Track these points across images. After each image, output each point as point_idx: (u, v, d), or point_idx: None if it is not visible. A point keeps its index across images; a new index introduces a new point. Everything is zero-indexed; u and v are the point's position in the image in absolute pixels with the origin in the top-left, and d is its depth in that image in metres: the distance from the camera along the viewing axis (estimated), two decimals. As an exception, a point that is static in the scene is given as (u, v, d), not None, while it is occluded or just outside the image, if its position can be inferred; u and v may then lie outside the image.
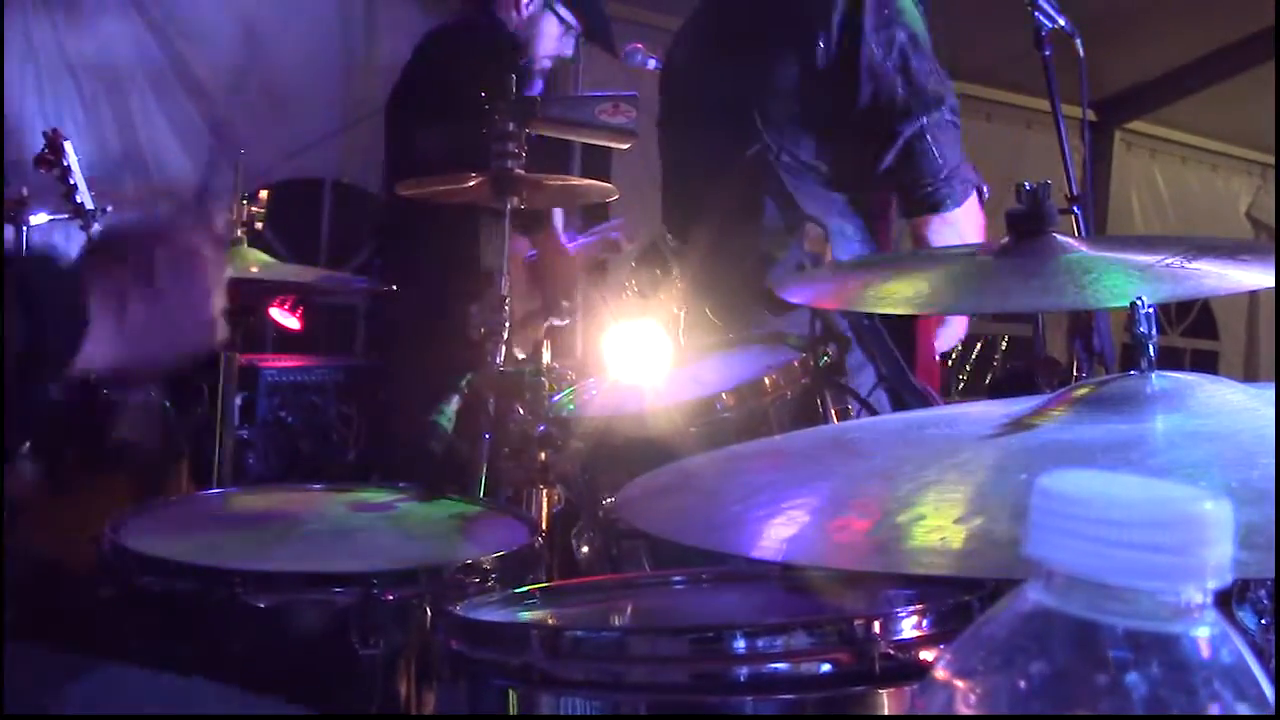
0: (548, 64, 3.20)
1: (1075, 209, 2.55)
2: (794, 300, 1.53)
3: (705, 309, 2.37)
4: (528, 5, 3.15)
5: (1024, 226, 1.29)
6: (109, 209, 3.70)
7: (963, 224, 2.28)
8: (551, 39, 3.18)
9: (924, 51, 2.24)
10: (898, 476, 0.92)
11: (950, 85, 2.28)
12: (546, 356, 1.81)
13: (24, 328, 0.89)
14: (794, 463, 1.08)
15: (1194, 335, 7.28)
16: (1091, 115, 3.46)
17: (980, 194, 2.30)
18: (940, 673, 0.47)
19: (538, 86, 3.20)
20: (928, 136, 2.21)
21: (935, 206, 2.23)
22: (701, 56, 2.50)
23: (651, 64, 3.20)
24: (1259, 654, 0.44)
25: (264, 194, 2.34)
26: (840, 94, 2.23)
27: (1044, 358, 2.23)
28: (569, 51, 3.27)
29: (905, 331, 2.06)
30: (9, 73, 4.14)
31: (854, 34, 2.20)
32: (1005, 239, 1.31)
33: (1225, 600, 0.87)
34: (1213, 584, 0.43)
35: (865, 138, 2.25)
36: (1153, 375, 0.94)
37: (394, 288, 2.82)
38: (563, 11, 3.17)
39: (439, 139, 2.86)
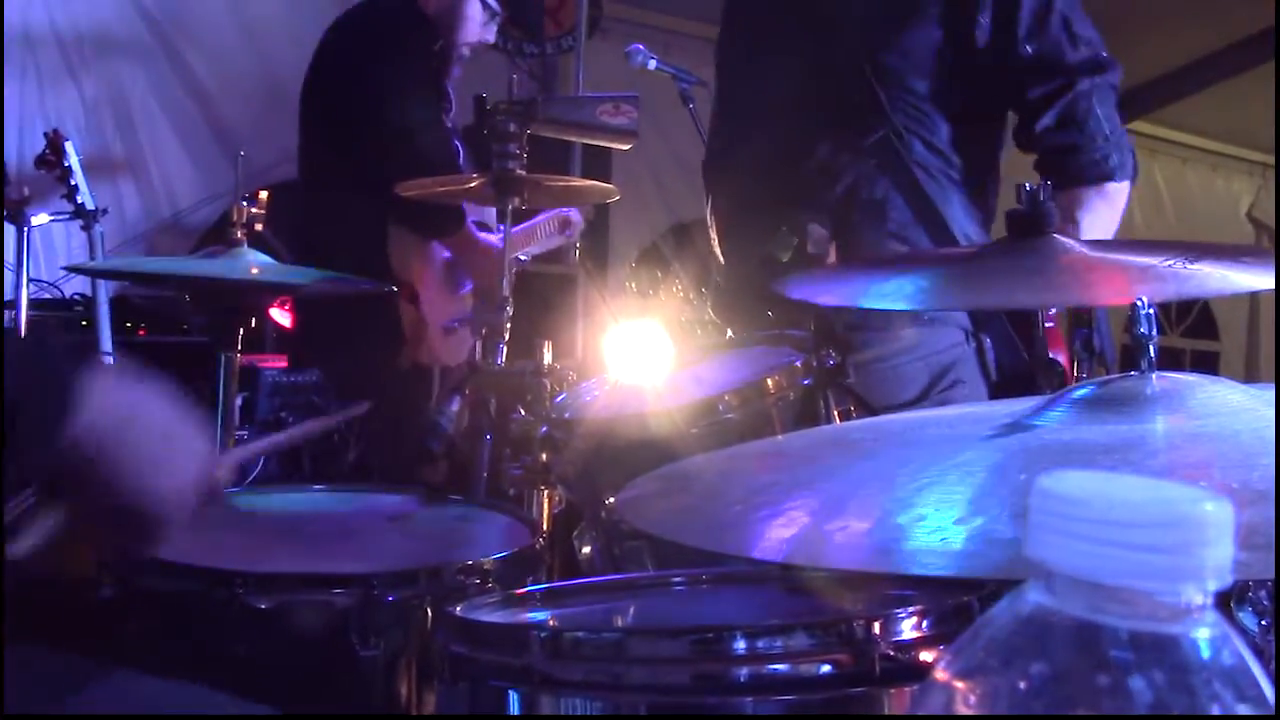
0: (467, 51, 3.07)
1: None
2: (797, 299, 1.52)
3: (728, 311, 2.26)
4: None
5: (1024, 226, 1.29)
6: (108, 210, 3.71)
7: (1119, 205, 2.09)
8: (475, 24, 3.05)
9: (1085, 18, 2.07)
10: (898, 477, 0.92)
11: (1113, 58, 2.10)
12: (547, 357, 1.81)
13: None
14: (795, 463, 1.08)
15: (1194, 336, 7.28)
16: (1092, 115, 3.45)
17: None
18: (940, 673, 0.47)
19: (455, 73, 3.11)
20: (1097, 95, 2.04)
21: (1106, 175, 2.03)
22: (782, 38, 2.19)
23: (652, 64, 3.19)
24: (1259, 655, 0.44)
25: (264, 195, 2.34)
26: (995, 61, 2.03)
27: (1044, 358, 2.23)
28: (491, 38, 3.15)
29: (1032, 341, 1.89)
30: (9, 73, 4.14)
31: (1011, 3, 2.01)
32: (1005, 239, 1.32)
33: (1225, 601, 0.87)
34: (1213, 585, 0.43)
35: (1018, 103, 2.06)
36: (1153, 376, 0.94)
37: (394, 288, 2.81)
38: None
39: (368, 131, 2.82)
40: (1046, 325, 1.90)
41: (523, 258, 3.15)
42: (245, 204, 2.23)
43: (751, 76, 2.26)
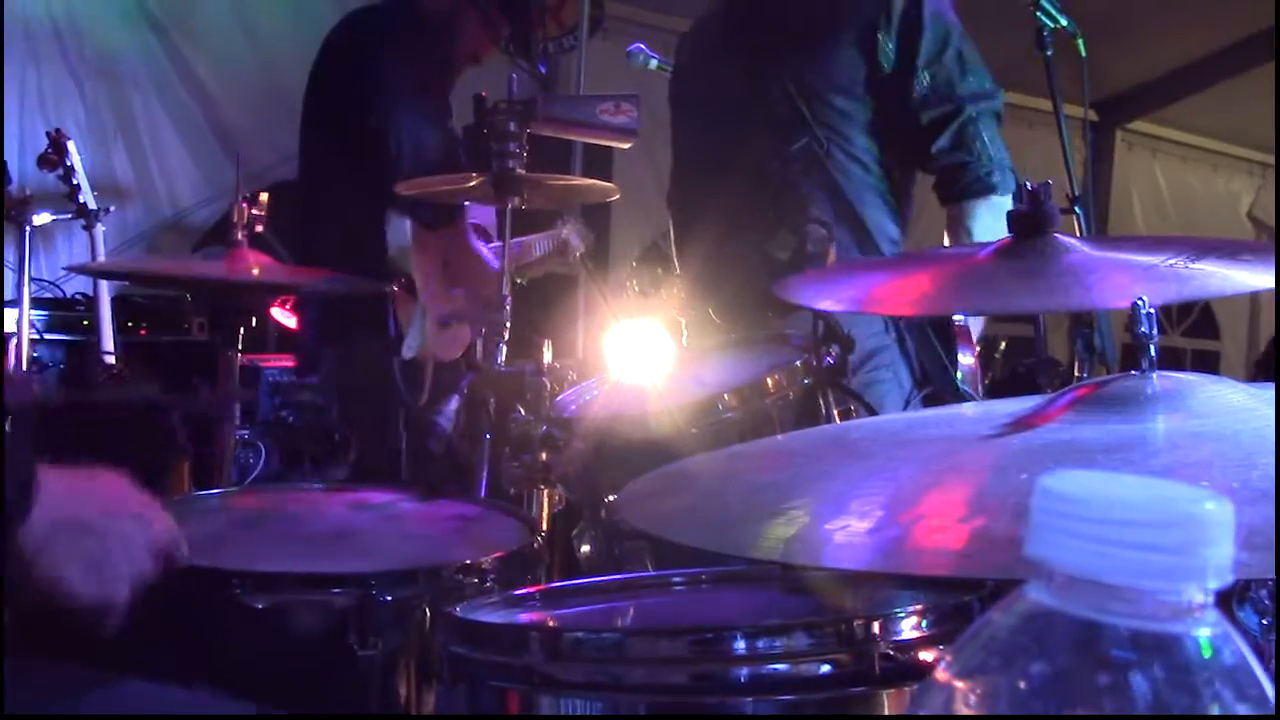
0: (465, 63, 3.10)
1: (1076, 209, 2.55)
2: (797, 300, 1.52)
3: (709, 310, 2.36)
4: None
5: (1025, 227, 1.29)
6: (110, 210, 3.71)
7: (1003, 215, 2.29)
8: (473, 38, 3.07)
9: (973, 48, 2.30)
10: (898, 476, 0.92)
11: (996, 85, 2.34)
12: (547, 356, 1.80)
13: None
14: (795, 463, 1.08)
15: (1195, 335, 7.28)
16: (1092, 115, 3.46)
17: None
18: (940, 673, 0.47)
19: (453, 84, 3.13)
20: (981, 121, 2.28)
21: (990, 189, 2.26)
22: (732, 54, 2.47)
23: (653, 63, 3.19)
24: (1260, 654, 0.44)
25: (264, 196, 2.34)
26: (898, 85, 2.26)
27: (1044, 358, 2.23)
28: (489, 53, 3.20)
29: (944, 335, 2.11)
30: (10, 72, 4.14)
31: (913, 28, 2.25)
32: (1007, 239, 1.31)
33: (1226, 600, 0.87)
34: (1214, 584, 0.43)
35: (914, 125, 2.29)
36: (1154, 375, 0.94)
37: (395, 288, 2.81)
38: (487, 9, 3.06)
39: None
40: (958, 323, 2.16)
41: (519, 281, 3.14)
42: (245, 205, 2.23)
43: (705, 91, 2.54)
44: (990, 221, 2.24)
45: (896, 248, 2.35)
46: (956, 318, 2.22)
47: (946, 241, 2.37)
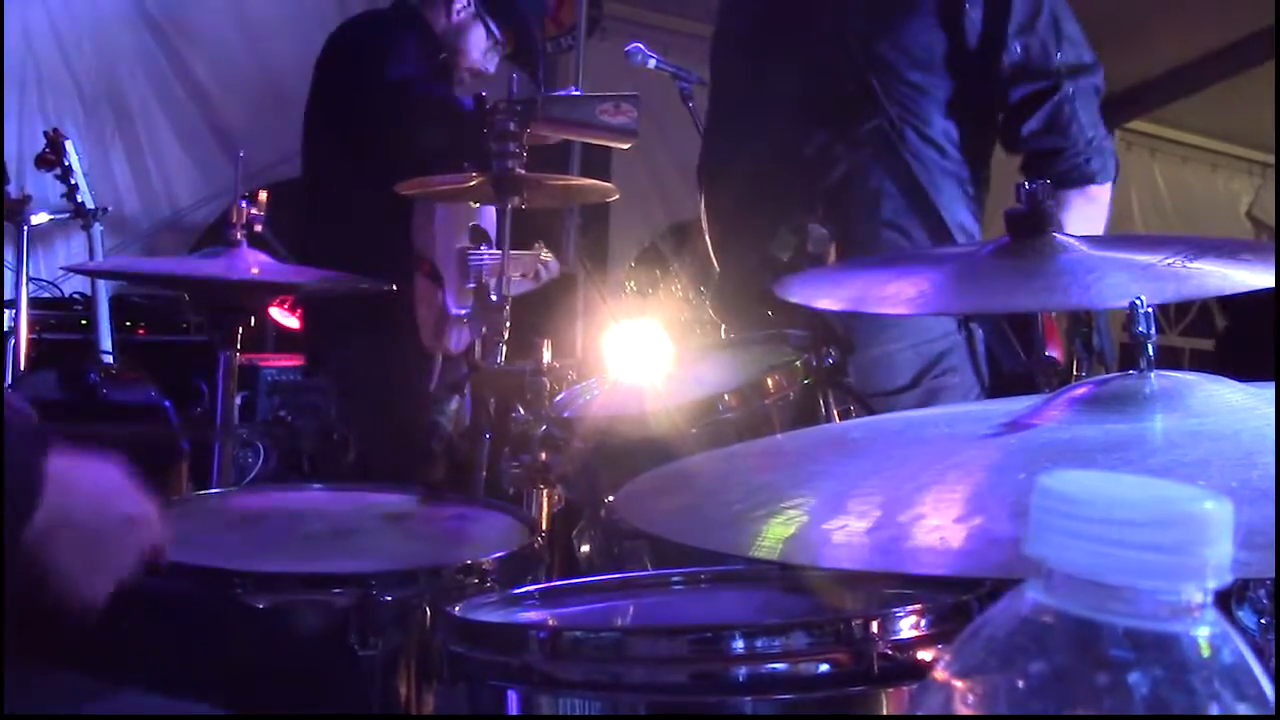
0: (467, 76, 3.11)
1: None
2: (797, 300, 1.52)
3: (710, 308, 2.32)
4: (459, 11, 3.07)
5: (1024, 226, 1.29)
6: (108, 210, 3.71)
7: (1103, 205, 2.10)
8: (478, 50, 3.10)
9: (1073, 17, 2.09)
10: (898, 476, 0.92)
11: (1097, 59, 2.12)
12: (547, 356, 1.81)
13: None
14: (795, 463, 1.08)
15: (1193, 335, 7.28)
16: (1092, 115, 3.44)
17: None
18: (939, 673, 0.47)
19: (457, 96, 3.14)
20: (1079, 100, 2.06)
21: (1088, 177, 2.07)
22: (776, 35, 2.22)
23: (652, 63, 3.19)
24: (1259, 654, 0.44)
25: (263, 195, 2.34)
26: (984, 58, 2.05)
27: (1044, 358, 2.23)
28: (491, 68, 3.17)
29: (1026, 331, 1.89)
30: (9, 72, 4.14)
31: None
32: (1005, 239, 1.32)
33: (1225, 600, 0.87)
34: (1213, 583, 0.43)
35: (1002, 103, 2.09)
36: (1152, 375, 0.94)
37: (394, 287, 2.81)
38: (493, 25, 3.09)
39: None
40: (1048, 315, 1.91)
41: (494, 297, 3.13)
42: (244, 204, 2.24)
43: (748, 74, 2.28)
44: (1088, 213, 2.06)
45: (972, 242, 2.11)
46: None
47: None
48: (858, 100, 2.06)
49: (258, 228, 2.28)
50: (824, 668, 0.89)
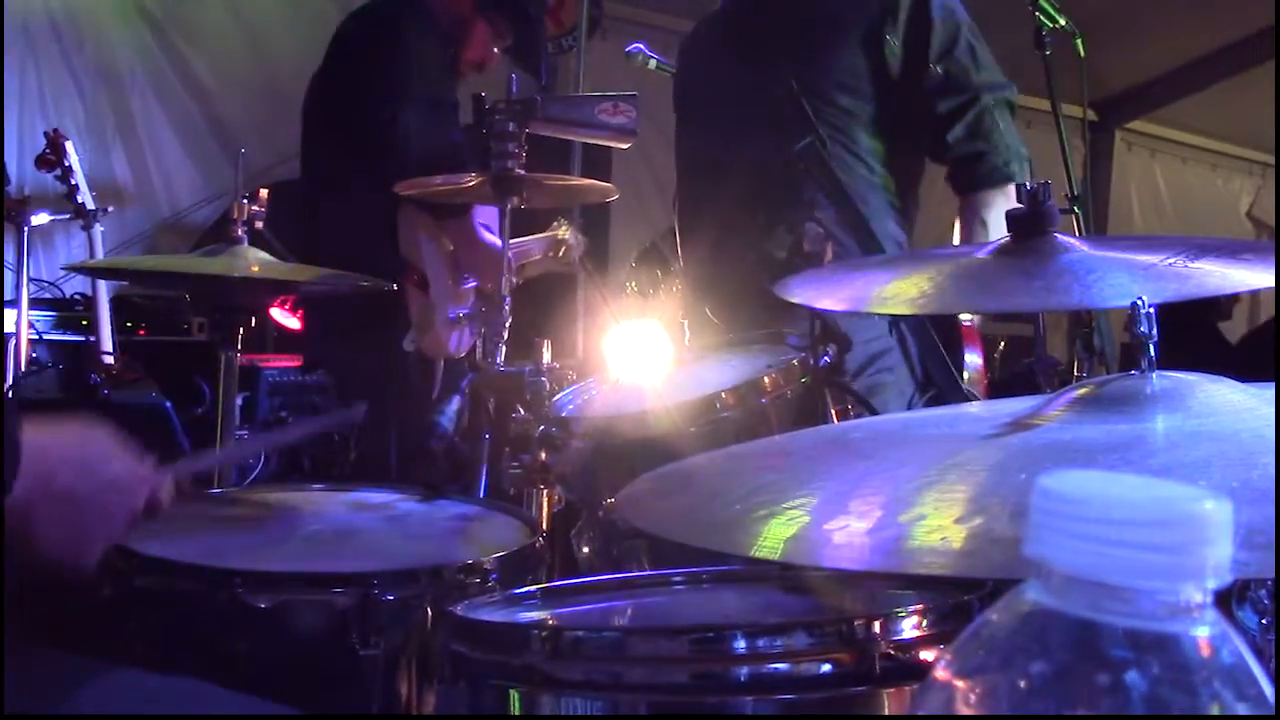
0: (468, 70, 3.11)
1: (1075, 208, 2.55)
2: (794, 300, 1.52)
3: (706, 309, 2.37)
4: (461, 5, 3.05)
5: (1025, 226, 1.29)
6: (109, 210, 3.71)
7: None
8: (480, 45, 3.09)
9: (984, 43, 2.30)
10: (898, 476, 0.92)
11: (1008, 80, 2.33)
12: (547, 356, 1.81)
13: None
14: (794, 463, 1.08)
15: (1194, 335, 7.27)
16: (1092, 115, 3.46)
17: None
18: (940, 673, 0.47)
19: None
20: (996, 111, 2.27)
21: (1008, 178, 2.25)
22: (735, 55, 2.47)
23: (653, 63, 3.20)
24: (1259, 654, 0.44)
25: (264, 193, 2.34)
26: (908, 81, 2.26)
27: (1044, 358, 2.24)
28: (493, 60, 3.20)
29: (949, 336, 2.10)
30: (9, 72, 4.14)
31: (923, 25, 2.25)
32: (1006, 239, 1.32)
33: (1225, 600, 0.87)
34: (1212, 584, 0.43)
35: (929, 117, 2.28)
36: (1153, 375, 0.94)
37: (394, 287, 2.81)
38: (496, 20, 3.08)
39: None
40: (964, 324, 2.20)
41: (516, 280, 3.14)
42: (245, 202, 2.23)
43: (708, 91, 2.54)
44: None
45: (901, 250, 2.33)
46: (964, 317, 2.22)
47: (957, 233, 2.37)
48: (793, 119, 2.27)
49: (259, 224, 2.27)
50: (825, 668, 0.89)
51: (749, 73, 2.38)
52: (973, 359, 2.09)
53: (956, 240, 2.37)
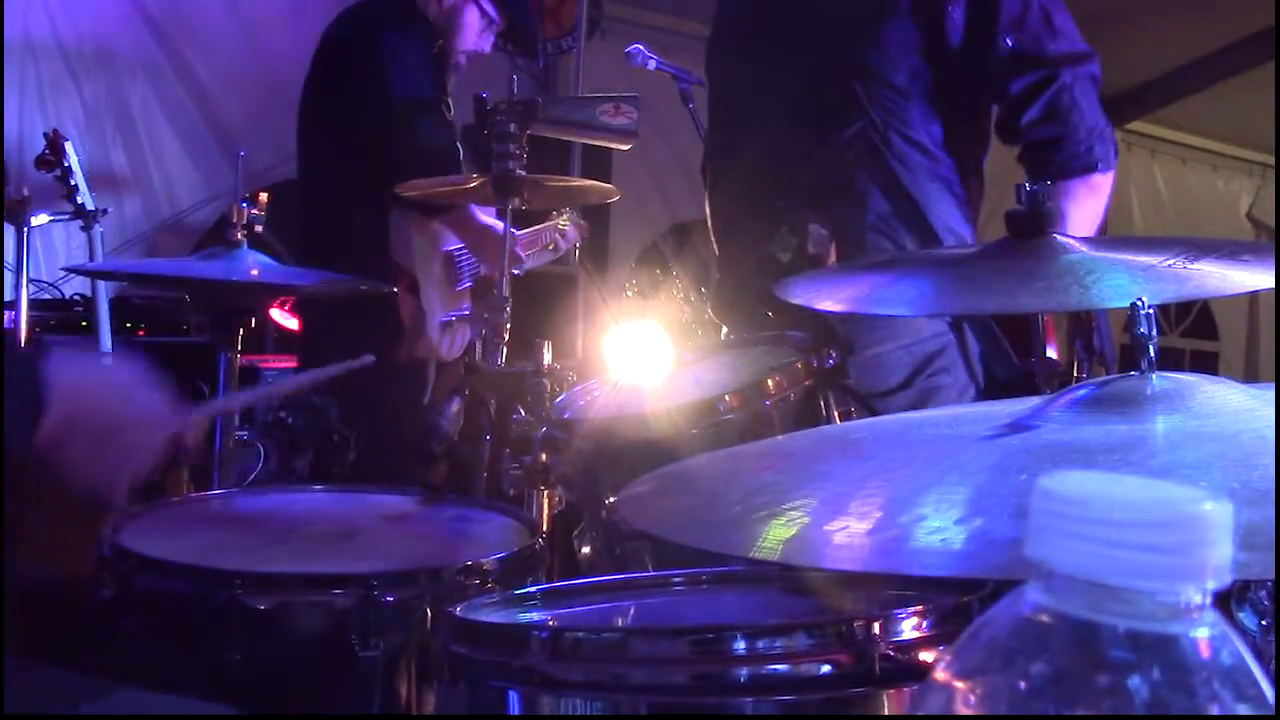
0: (464, 59, 3.09)
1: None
2: (797, 301, 1.52)
3: (709, 309, 2.34)
4: None
5: (1024, 227, 1.30)
6: (108, 211, 3.71)
7: (1104, 194, 2.07)
8: (472, 32, 3.07)
9: (1064, 10, 2.07)
10: (898, 477, 0.92)
11: (1092, 49, 2.10)
12: (547, 357, 1.81)
13: None
14: (795, 464, 1.08)
15: (1194, 336, 7.28)
16: (1092, 115, 3.44)
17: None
18: (940, 673, 0.47)
19: (453, 79, 3.12)
20: (1077, 88, 2.03)
21: (1090, 166, 2.04)
22: (768, 39, 2.23)
23: (652, 64, 3.19)
24: (1259, 655, 0.44)
25: (264, 196, 2.34)
26: (973, 56, 2.04)
27: (1045, 358, 2.24)
28: (487, 48, 3.17)
29: (1031, 334, 1.87)
30: (9, 74, 4.14)
31: None
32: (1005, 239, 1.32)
33: (1225, 601, 0.87)
34: (1212, 585, 0.43)
35: (1000, 96, 2.08)
36: (1153, 376, 0.94)
37: (394, 289, 2.81)
38: (486, 5, 3.06)
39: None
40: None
41: (516, 272, 3.14)
42: (244, 205, 2.24)
43: (740, 77, 2.30)
44: (1090, 201, 2.04)
45: (964, 242, 2.11)
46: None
47: None
48: (842, 104, 2.07)
49: (258, 228, 2.28)
50: (825, 669, 0.89)
51: (786, 56, 2.17)
52: (1052, 355, 1.88)
53: None
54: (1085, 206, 2.03)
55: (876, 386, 2.04)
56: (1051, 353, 1.82)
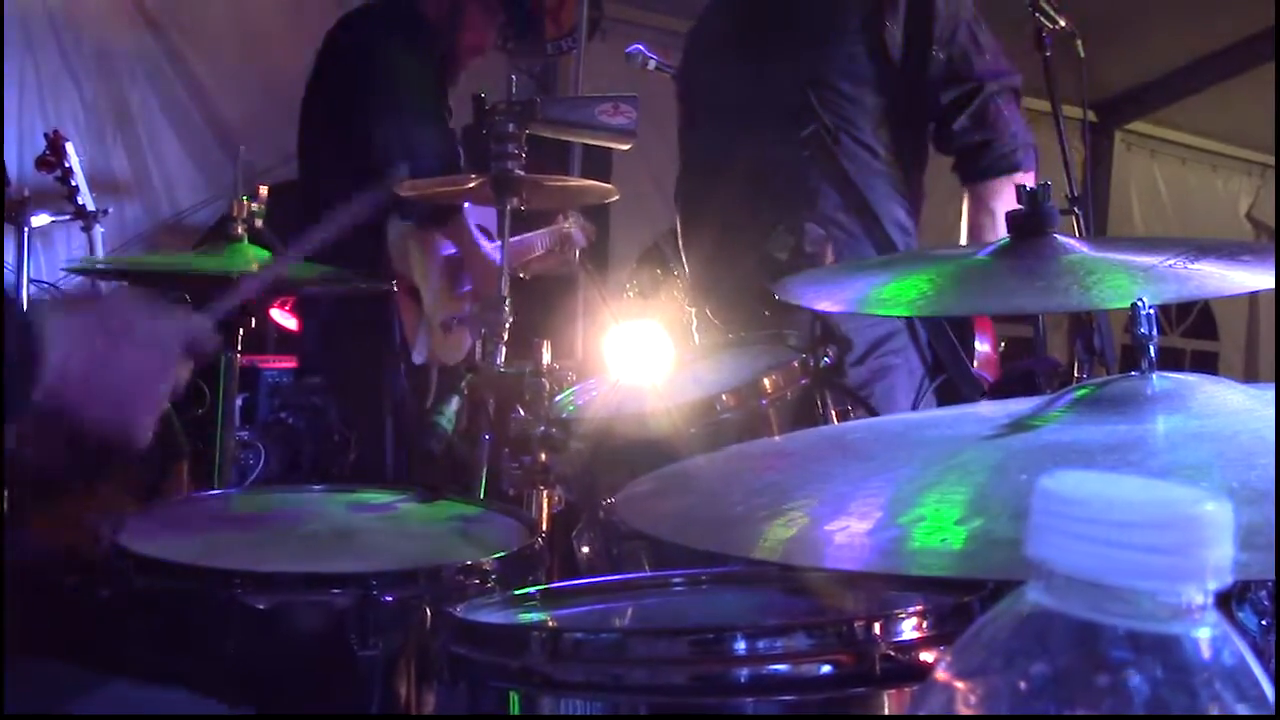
0: (466, 59, 3.12)
1: (1076, 209, 2.55)
2: (795, 301, 1.52)
3: (707, 310, 2.37)
4: None
5: (1025, 227, 1.29)
6: (109, 211, 3.71)
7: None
8: (475, 28, 3.10)
9: (987, 29, 2.31)
10: (898, 477, 0.92)
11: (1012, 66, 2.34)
12: (547, 357, 1.81)
13: None
14: (794, 464, 1.08)
15: (1194, 336, 7.28)
16: (1092, 116, 3.46)
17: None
18: (941, 674, 0.47)
19: (455, 80, 3.14)
20: (1001, 98, 2.28)
21: (1014, 167, 2.27)
22: (737, 48, 2.47)
23: (652, 64, 3.19)
24: (1259, 655, 0.44)
25: (264, 192, 2.34)
26: (911, 69, 2.27)
27: (1044, 358, 2.24)
28: (489, 43, 3.19)
29: (960, 321, 2.11)
30: (9, 74, 4.14)
31: (924, 11, 2.26)
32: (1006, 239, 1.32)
33: (1226, 601, 0.87)
34: (1213, 585, 0.43)
35: (933, 106, 2.30)
36: (1153, 376, 0.94)
37: (393, 288, 2.81)
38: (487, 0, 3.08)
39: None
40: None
41: (522, 275, 3.14)
42: (245, 200, 2.24)
43: (715, 81, 2.53)
44: (1014, 200, 2.22)
45: (907, 236, 2.33)
46: None
47: (964, 223, 2.37)
48: (799, 108, 2.27)
49: (258, 222, 2.28)
50: (826, 669, 0.89)
51: (752, 65, 2.39)
52: (982, 347, 2.08)
53: (964, 231, 2.37)
54: (1012, 203, 2.23)
55: None
56: (984, 345, 2.03)
